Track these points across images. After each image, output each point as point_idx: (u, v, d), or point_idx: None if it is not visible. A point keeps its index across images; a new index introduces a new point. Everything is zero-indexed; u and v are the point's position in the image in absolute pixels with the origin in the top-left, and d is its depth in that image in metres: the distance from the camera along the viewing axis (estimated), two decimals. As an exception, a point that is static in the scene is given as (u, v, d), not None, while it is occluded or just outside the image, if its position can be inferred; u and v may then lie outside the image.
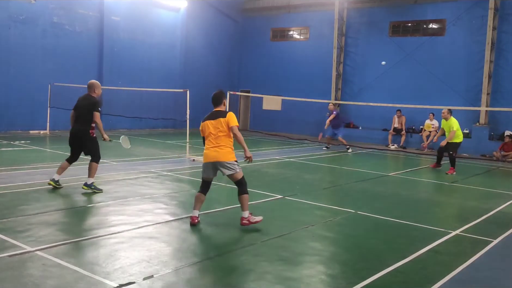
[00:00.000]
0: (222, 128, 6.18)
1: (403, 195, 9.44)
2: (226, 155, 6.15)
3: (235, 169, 6.17)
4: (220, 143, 6.17)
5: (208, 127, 6.27)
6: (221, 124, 6.19)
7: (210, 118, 6.32)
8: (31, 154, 12.16)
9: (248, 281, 4.55)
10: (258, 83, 24.41)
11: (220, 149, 6.15)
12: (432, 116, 18.60)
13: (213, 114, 6.34)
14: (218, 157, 6.14)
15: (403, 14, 20.25)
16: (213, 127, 6.23)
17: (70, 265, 4.63)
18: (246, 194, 6.23)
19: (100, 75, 19.70)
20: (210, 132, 6.24)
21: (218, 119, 6.23)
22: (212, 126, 6.25)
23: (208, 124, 6.29)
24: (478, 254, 5.62)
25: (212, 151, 6.19)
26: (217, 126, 6.21)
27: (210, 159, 6.21)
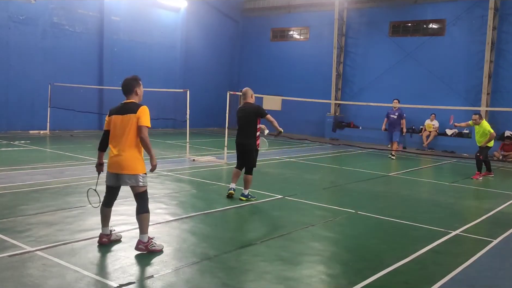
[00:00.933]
0: (132, 127, 4.97)
1: (403, 195, 9.44)
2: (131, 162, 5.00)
3: (137, 182, 5.07)
4: (124, 148, 4.99)
5: (115, 124, 5.05)
6: (131, 123, 4.97)
7: (118, 112, 5.07)
8: (31, 154, 12.16)
9: (247, 281, 4.55)
10: (258, 83, 24.38)
11: (123, 157, 4.99)
12: (433, 116, 18.61)
13: (122, 108, 5.09)
14: (121, 166, 5.00)
15: (403, 14, 20.25)
16: (120, 124, 5.01)
17: (70, 265, 4.63)
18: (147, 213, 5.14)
19: (100, 75, 19.72)
20: (115, 131, 5.05)
21: (129, 115, 4.99)
22: (119, 122, 5.03)
23: (115, 119, 5.06)
24: (478, 254, 5.62)
25: (114, 157, 5.01)
26: (124, 124, 5.00)
27: (113, 169, 5.05)
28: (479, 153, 11.99)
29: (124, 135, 5.00)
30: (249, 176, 7.96)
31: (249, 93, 8.23)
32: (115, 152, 5.04)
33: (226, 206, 7.61)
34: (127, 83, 5.17)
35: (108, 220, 5.32)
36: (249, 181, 7.97)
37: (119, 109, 5.11)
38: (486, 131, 11.84)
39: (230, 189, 8.06)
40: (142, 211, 5.14)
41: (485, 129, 11.89)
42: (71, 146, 14.05)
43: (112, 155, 5.07)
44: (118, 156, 5.02)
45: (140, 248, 5.07)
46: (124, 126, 5.01)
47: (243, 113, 8.03)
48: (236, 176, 8.15)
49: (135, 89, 5.18)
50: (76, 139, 16.11)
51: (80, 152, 12.79)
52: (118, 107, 5.15)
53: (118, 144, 5.05)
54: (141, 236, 5.12)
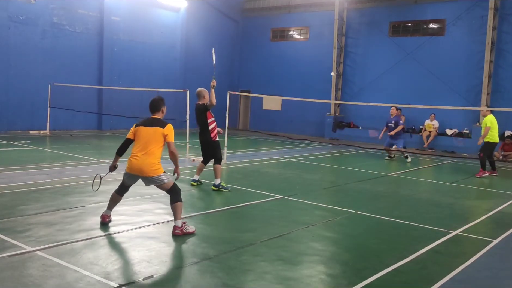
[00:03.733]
0: (157, 138, 5.70)
1: (403, 195, 9.44)
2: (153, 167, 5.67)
3: (162, 181, 5.74)
4: (148, 153, 5.65)
5: (141, 134, 5.75)
6: (158, 134, 5.71)
7: (146, 124, 5.81)
8: (31, 154, 12.16)
9: (247, 281, 4.55)
10: (258, 83, 24.42)
11: (147, 161, 5.64)
12: (433, 116, 18.62)
13: (150, 121, 5.85)
14: (144, 170, 5.65)
15: (403, 14, 20.25)
16: (146, 134, 5.71)
17: (70, 265, 4.63)
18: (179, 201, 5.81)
19: (100, 75, 19.72)
20: (140, 140, 5.72)
21: (155, 127, 5.74)
22: (145, 133, 5.73)
23: (142, 130, 5.77)
24: (478, 254, 5.62)
25: (138, 161, 5.66)
26: (150, 134, 5.71)
27: (134, 171, 5.71)
28: (480, 150, 12.02)
29: (149, 144, 5.68)
30: (216, 165, 8.59)
31: (202, 93, 8.88)
32: (139, 157, 5.67)
33: (226, 206, 7.61)
34: (156, 103, 5.98)
35: (114, 206, 6.13)
36: (216, 170, 8.53)
37: (147, 122, 5.85)
38: (484, 124, 11.90)
39: (192, 180, 8.94)
40: (175, 200, 5.80)
41: (484, 122, 11.94)
42: (71, 146, 14.06)
43: (134, 160, 5.69)
44: (141, 161, 5.66)
45: (176, 232, 5.72)
46: (150, 136, 5.71)
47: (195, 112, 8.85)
48: (199, 170, 8.97)
49: (162, 108, 6.02)
50: (76, 139, 16.11)
51: (79, 152, 12.79)
52: (146, 120, 5.89)
53: (142, 150, 5.69)
54: (176, 222, 5.77)
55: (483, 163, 12.02)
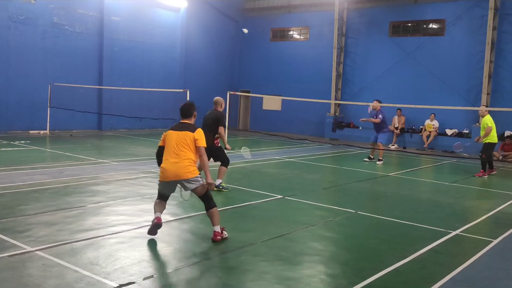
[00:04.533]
0: (188, 142, 5.61)
1: (403, 195, 9.44)
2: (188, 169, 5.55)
3: (198, 182, 5.62)
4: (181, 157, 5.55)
5: (171, 138, 5.64)
6: (188, 138, 5.62)
7: (176, 129, 5.73)
8: (31, 154, 12.16)
9: (247, 281, 4.55)
10: (258, 83, 24.41)
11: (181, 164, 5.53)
12: (433, 116, 18.62)
13: (180, 126, 5.77)
14: (179, 174, 5.53)
15: (403, 14, 20.25)
16: (177, 139, 5.62)
17: (70, 265, 4.63)
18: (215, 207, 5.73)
19: (100, 75, 19.72)
20: (171, 144, 5.62)
21: (185, 132, 5.65)
22: (176, 137, 5.63)
23: (171, 134, 5.68)
24: (478, 254, 5.62)
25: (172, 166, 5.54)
26: (182, 139, 5.61)
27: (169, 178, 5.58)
28: (482, 152, 12.02)
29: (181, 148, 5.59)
30: (222, 167, 8.63)
31: (219, 102, 8.83)
32: (171, 162, 5.56)
33: (226, 206, 7.61)
34: (188, 108, 5.87)
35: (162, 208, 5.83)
36: (221, 172, 8.58)
37: (177, 126, 5.78)
38: (484, 124, 11.89)
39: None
40: (211, 206, 5.71)
41: (484, 121, 11.93)
42: (70, 146, 14.06)
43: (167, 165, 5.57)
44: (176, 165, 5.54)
45: (217, 239, 5.61)
46: (180, 140, 5.61)
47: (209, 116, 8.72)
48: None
49: (194, 113, 5.90)
50: (75, 139, 16.11)
51: (79, 152, 12.79)
52: (176, 125, 5.82)
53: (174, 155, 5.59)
54: (215, 227, 5.67)
55: (484, 163, 12.03)
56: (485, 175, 11.94)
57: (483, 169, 12.02)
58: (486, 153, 12.01)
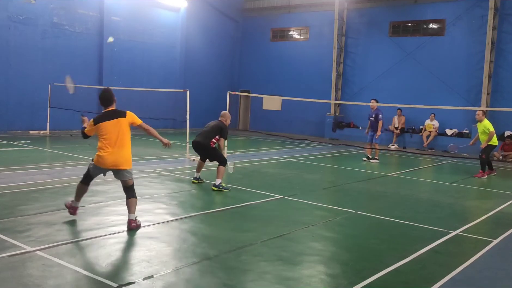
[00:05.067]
0: (125, 130, 5.80)
1: (403, 195, 9.44)
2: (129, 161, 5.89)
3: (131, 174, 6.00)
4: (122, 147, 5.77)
5: (111, 130, 5.75)
6: (124, 126, 5.79)
7: (107, 119, 5.79)
8: (31, 154, 12.16)
9: (247, 281, 4.55)
10: (258, 83, 24.41)
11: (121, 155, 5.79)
12: (433, 116, 18.62)
13: (109, 114, 5.82)
14: (119, 164, 5.80)
15: (403, 14, 20.25)
16: (113, 130, 5.73)
17: (70, 265, 4.63)
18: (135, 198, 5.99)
19: (100, 75, 19.72)
20: (109, 136, 5.75)
21: (117, 119, 5.77)
22: (112, 129, 5.74)
23: (107, 125, 5.76)
24: (478, 254, 5.62)
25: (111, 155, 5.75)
26: (118, 128, 5.75)
27: (107, 165, 5.81)
28: (482, 152, 12.01)
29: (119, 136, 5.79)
30: (220, 167, 8.70)
31: (226, 116, 9.31)
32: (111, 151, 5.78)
33: (226, 206, 7.61)
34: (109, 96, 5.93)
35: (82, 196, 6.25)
36: (219, 171, 8.65)
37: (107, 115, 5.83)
38: (486, 129, 11.88)
39: (194, 178, 9.24)
40: (132, 196, 5.99)
41: (485, 126, 11.93)
42: (70, 146, 14.05)
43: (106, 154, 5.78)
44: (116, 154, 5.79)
45: (133, 226, 5.84)
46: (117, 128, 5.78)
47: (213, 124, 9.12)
48: (198, 167, 9.22)
49: (115, 98, 5.99)
50: (75, 139, 16.10)
51: (79, 152, 12.79)
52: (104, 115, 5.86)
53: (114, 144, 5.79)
54: (130, 215, 5.89)
55: (483, 164, 12.03)
56: (484, 175, 11.94)
57: (482, 170, 12.02)
58: (486, 153, 12.01)
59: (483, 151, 12.00)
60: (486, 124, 11.97)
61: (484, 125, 11.97)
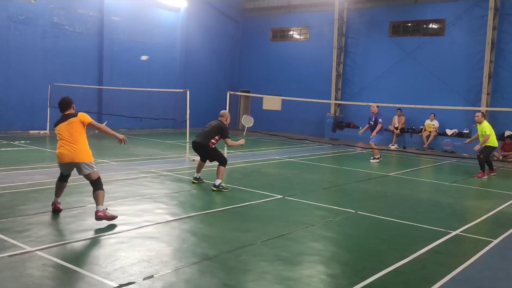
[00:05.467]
0: (76, 128, 6.21)
1: (403, 195, 9.44)
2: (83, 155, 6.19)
3: (92, 168, 6.20)
4: (75, 143, 6.18)
5: (61, 131, 6.25)
6: (75, 124, 6.22)
7: (62, 121, 6.32)
8: (31, 154, 12.16)
9: (247, 281, 4.55)
10: (258, 83, 24.41)
11: (75, 149, 6.16)
12: (433, 116, 18.62)
13: (64, 118, 6.36)
14: (74, 157, 6.16)
15: (403, 14, 20.25)
16: (66, 129, 6.22)
17: (70, 265, 4.63)
18: (101, 190, 6.22)
19: (100, 75, 19.72)
20: (63, 135, 6.21)
21: (69, 119, 6.25)
22: (64, 128, 6.23)
23: (62, 127, 6.26)
24: (478, 254, 5.62)
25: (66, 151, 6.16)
26: (70, 127, 6.21)
27: (65, 159, 6.19)
28: (480, 152, 12.01)
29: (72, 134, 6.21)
30: (220, 167, 8.69)
31: (226, 115, 9.26)
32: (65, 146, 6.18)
33: (226, 206, 7.61)
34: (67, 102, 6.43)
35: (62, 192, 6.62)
36: (220, 172, 8.64)
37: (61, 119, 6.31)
38: (483, 132, 11.90)
39: (194, 178, 9.24)
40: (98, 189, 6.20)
41: (483, 129, 11.95)
42: (71, 146, 14.03)
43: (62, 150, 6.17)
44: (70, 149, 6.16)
45: (99, 215, 6.01)
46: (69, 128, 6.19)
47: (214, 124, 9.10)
48: (198, 167, 9.22)
49: (72, 105, 6.48)
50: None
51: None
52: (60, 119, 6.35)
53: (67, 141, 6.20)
54: (98, 207, 6.06)
55: (482, 164, 12.04)
56: (484, 175, 11.94)
57: (482, 170, 12.02)
58: (484, 153, 12.03)
59: (481, 151, 12.01)
60: (484, 127, 12.00)
61: (483, 127, 12.00)
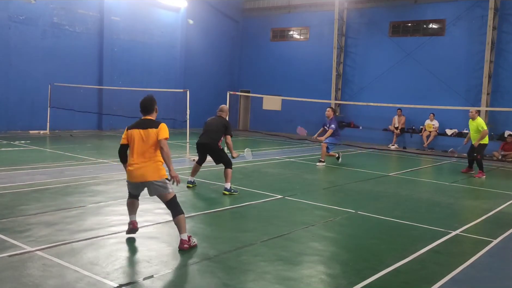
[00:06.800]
0: (152, 141, 5.29)
1: (403, 195, 9.44)
2: (155, 172, 5.29)
3: (166, 188, 5.33)
4: (146, 159, 5.28)
5: (134, 138, 5.34)
6: (151, 135, 5.30)
7: (138, 127, 5.41)
8: (31, 154, 12.16)
9: (247, 281, 4.55)
10: (258, 83, 24.41)
11: (147, 166, 5.27)
12: (433, 116, 18.62)
13: (142, 123, 5.45)
14: (146, 176, 5.27)
15: (403, 14, 20.25)
16: (140, 138, 5.32)
17: (70, 265, 4.63)
18: (182, 214, 5.36)
19: (100, 75, 19.72)
20: (135, 144, 5.33)
21: (148, 129, 5.34)
22: (139, 136, 5.33)
23: (135, 133, 5.36)
24: (478, 254, 5.62)
25: (137, 169, 5.28)
26: (146, 137, 5.31)
27: (136, 178, 5.33)
28: (476, 152, 12.01)
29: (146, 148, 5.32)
30: (227, 169, 8.48)
31: (224, 109, 9.08)
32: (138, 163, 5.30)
33: (226, 206, 7.62)
34: (149, 103, 5.60)
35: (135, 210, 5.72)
36: (228, 175, 8.45)
37: (140, 124, 5.45)
38: (479, 127, 11.89)
39: (188, 182, 8.89)
40: (178, 213, 5.36)
41: (479, 124, 11.95)
42: (71, 146, 14.05)
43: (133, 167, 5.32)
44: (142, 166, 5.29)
45: (185, 247, 5.23)
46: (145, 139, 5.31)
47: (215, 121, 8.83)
48: (194, 171, 8.99)
49: (155, 107, 5.64)
50: (76, 139, 16.11)
51: (80, 152, 12.79)
52: (138, 122, 5.49)
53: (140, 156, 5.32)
54: (182, 235, 5.30)
55: (480, 164, 12.04)
56: (483, 175, 11.93)
57: (481, 170, 12.01)
58: (481, 153, 12.04)
59: (477, 151, 12.00)
60: (480, 123, 12.01)
61: (478, 123, 12.01)
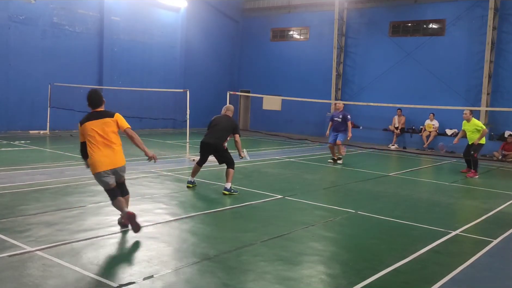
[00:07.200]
0: (111, 129, 5.57)
1: (403, 195, 9.44)
2: (123, 157, 5.71)
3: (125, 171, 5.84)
4: (112, 147, 5.55)
5: (92, 130, 5.54)
6: (110, 124, 5.58)
7: (93, 118, 5.61)
8: (31, 154, 12.16)
9: (247, 281, 4.55)
10: (258, 83, 24.41)
11: (116, 153, 5.59)
12: (432, 116, 18.62)
13: (96, 114, 5.65)
14: (117, 162, 5.58)
15: (403, 14, 20.25)
16: (100, 128, 5.53)
17: (70, 265, 4.63)
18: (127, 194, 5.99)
19: (100, 75, 19.72)
20: (96, 135, 5.52)
21: (104, 118, 5.59)
22: (98, 127, 5.54)
23: (91, 125, 5.56)
24: (478, 254, 5.62)
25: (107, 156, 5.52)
26: (105, 126, 5.55)
27: (109, 166, 5.53)
28: (473, 151, 11.99)
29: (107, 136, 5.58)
30: (230, 169, 8.44)
31: (230, 109, 9.07)
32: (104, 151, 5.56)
33: (226, 206, 7.62)
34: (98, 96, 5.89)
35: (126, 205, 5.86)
36: (230, 175, 8.41)
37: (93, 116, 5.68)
38: (478, 127, 11.87)
39: (188, 182, 8.87)
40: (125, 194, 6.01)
41: (477, 125, 11.94)
42: (71, 146, 14.04)
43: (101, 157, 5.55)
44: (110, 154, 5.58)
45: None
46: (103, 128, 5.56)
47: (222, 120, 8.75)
48: (194, 172, 8.90)
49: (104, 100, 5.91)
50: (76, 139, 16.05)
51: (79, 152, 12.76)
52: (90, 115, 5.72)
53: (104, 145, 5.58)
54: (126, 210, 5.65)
55: (476, 163, 12.05)
56: (476, 175, 11.91)
57: (474, 169, 12.00)
58: (478, 152, 12.04)
59: (474, 149, 11.98)
60: (477, 123, 12.00)
61: (476, 124, 11.99)
